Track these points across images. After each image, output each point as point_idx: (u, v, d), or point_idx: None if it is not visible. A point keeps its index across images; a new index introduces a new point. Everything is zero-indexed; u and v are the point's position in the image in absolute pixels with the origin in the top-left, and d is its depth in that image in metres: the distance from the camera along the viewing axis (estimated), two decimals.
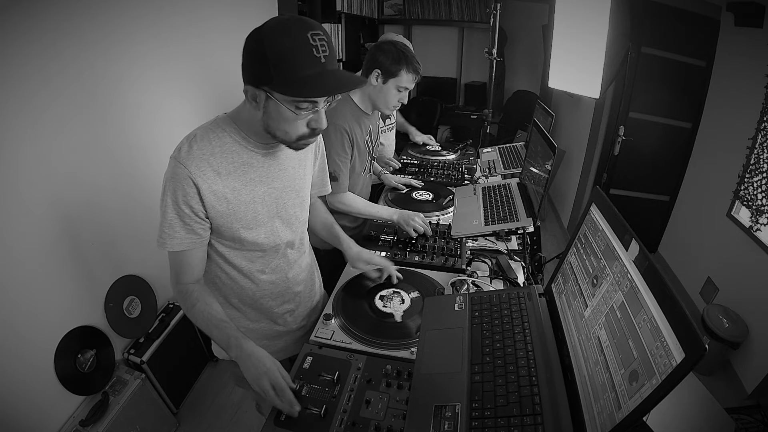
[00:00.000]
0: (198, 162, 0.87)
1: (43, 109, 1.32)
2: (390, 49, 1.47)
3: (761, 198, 2.09)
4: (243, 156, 0.92)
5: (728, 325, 2.13)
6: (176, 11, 1.77)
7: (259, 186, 0.96)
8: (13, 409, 1.34)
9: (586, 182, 3.44)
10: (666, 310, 0.58)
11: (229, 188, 0.91)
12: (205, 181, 0.88)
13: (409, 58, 1.47)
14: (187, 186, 0.87)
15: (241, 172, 0.93)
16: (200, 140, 0.89)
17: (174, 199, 0.88)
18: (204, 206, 0.90)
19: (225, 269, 1.04)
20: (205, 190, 0.88)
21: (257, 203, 0.97)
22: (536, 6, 4.13)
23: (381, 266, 1.25)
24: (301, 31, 0.77)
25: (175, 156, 0.88)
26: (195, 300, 0.95)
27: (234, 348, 0.88)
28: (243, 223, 0.96)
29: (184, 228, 0.90)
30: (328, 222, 1.30)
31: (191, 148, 0.88)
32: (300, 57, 0.77)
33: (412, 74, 1.50)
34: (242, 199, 0.94)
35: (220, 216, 0.92)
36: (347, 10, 3.46)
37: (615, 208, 0.79)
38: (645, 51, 2.74)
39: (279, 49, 0.76)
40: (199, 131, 0.91)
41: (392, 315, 1.11)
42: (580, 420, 0.69)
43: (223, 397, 2.07)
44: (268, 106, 0.83)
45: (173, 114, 1.81)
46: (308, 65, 0.78)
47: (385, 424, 0.81)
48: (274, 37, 0.77)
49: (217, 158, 0.89)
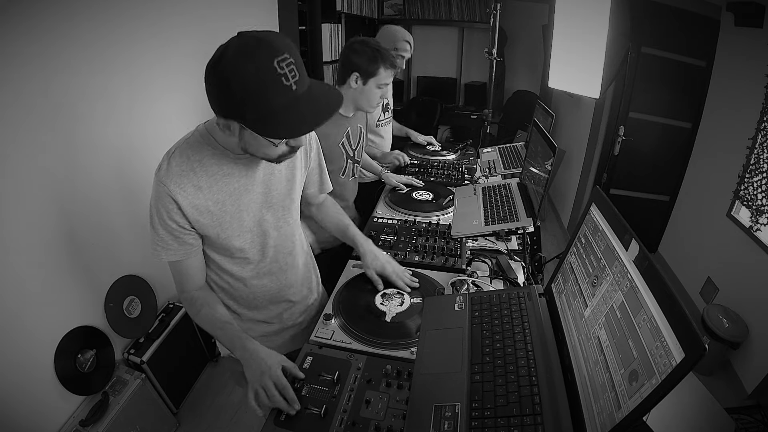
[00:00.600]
0: (176, 179, 0.87)
1: (43, 108, 1.32)
2: (364, 50, 1.45)
3: (761, 198, 2.09)
4: (224, 167, 0.91)
5: (728, 325, 2.13)
6: (176, 11, 1.77)
7: (243, 195, 0.95)
8: (13, 409, 1.34)
9: (586, 182, 3.44)
10: (666, 310, 0.58)
11: (212, 201, 0.91)
12: (185, 197, 0.88)
13: (384, 55, 1.47)
14: (168, 203, 0.87)
15: (224, 183, 0.92)
16: (179, 156, 0.88)
17: (159, 215, 0.89)
18: (188, 220, 0.90)
19: (218, 273, 1.04)
20: (185, 206, 0.88)
21: (242, 212, 0.96)
22: (536, 6, 4.14)
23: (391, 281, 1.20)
24: (267, 59, 0.72)
25: (156, 174, 0.88)
26: (200, 306, 0.98)
27: (238, 348, 0.90)
28: (229, 233, 0.96)
29: (175, 240, 0.92)
30: (343, 224, 1.28)
31: (170, 166, 0.87)
32: (272, 91, 0.73)
33: (390, 69, 1.49)
34: (227, 209, 0.93)
35: (205, 228, 0.93)
36: (347, 10, 3.46)
37: (615, 208, 0.79)
38: (645, 51, 2.74)
39: (245, 84, 0.72)
40: (177, 148, 0.90)
41: (392, 315, 1.11)
42: (580, 420, 0.69)
43: (223, 397, 2.07)
44: (244, 135, 0.82)
45: (173, 113, 1.81)
46: (280, 96, 0.74)
47: (385, 424, 0.81)
48: (238, 70, 0.71)
49: (197, 173, 0.88)
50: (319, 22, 2.89)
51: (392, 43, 2.05)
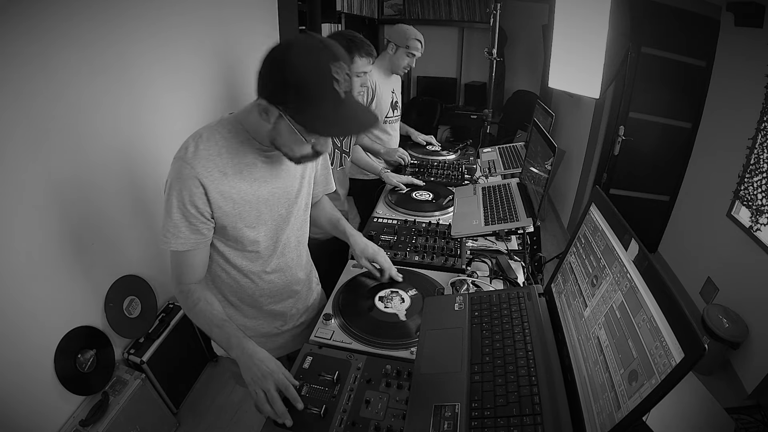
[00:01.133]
0: (205, 162, 0.87)
1: (43, 108, 1.32)
2: (338, 41, 1.46)
3: (761, 198, 2.09)
4: (248, 156, 0.93)
5: (728, 325, 2.13)
6: (176, 11, 1.77)
7: (263, 186, 0.96)
8: (13, 409, 1.34)
9: (586, 182, 3.44)
10: (665, 310, 0.58)
11: (234, 189, 0.92)
12: (212, 181, 0.88)
13: (358, 44, 1.47)
14: (193, 186, 0.87)
15: (247, 172, 0.93)
16: (206, 140, 0.89)
17: (180, 199, 0.87)
18: (210, 206, 0.90)
19: (225, 268, 1.04)
20: (212, 191, 0.89)
21: (261, 203, 0.97)
22: (536, 6, 4.14)
23: (383, 267, 1.24)
24: (327, 61, 0.77)
25: (181, 156, 0.87)
26: (196, 300, 0.95)
27: (235, 348, 0.88)
28: (246, 223, 0.97)
29: (189, 228, 0.90)
30: (334, 218, 1.30)
31: (198, 148, 0.87)
32: (321, 89, 0.77)
33: (365, 58, 1.50)
34: (247, 199, 0.94)
35: (225, 216, 0.93)
36: (347, 10, 3.46)
37: (615, 208, 0.79)
38: (645, 51, 2.74)
39: (302, 77, 0.76)
40: (205, 131, 0.91)
41: (395, 315, 1.11)
42: (579, 420, 0.69)
43: (223, 397, 2.07)
44: (279, 124, 0.84)
45: (174, 113, 1.80)
46: (328, 99, 0.78)
47: (385, 424, 0.81)
48: (300, 62, 0.76)
49: (224, 159, 0.90)
50: (319, 22, 2.89)
51: (404, 41, 2.06)
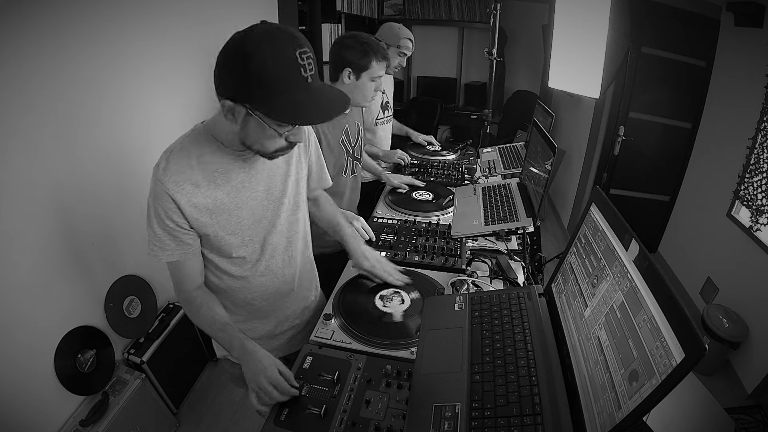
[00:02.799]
0: (175, 177, 0.86)
1: (42, 108, 1.32)
2: (353, 44, 1.45)
3: (761, 198, 2.09)
4: (223, 164, 0.91)
5: (728, 325, 2.13)
6: (175, 11, 1.77)
7: (242, 192, 0.95)
8: (13, 408, 1.34)
9: (586, 182, 3.44)
10: (666, 310, 0.58)
11: (210, 198, 0.91)
12: (183, 195, 0.87)
13: (375, 48, 1.46)
14: (166, 202, 0.87)
15: (222, 180, 0.91)
16: (176, 154, 0.88)
17: (157, 214, 0.89)
18: (186, 219, 0.90)
19: (216, 273, 1.04)
20: (184, 204, 0.88)
21: (241, 209, 0.96)
22: (536, 6, 4.14)
23: (381, 279, 1.20)
24: (291, 48, 0.73)
25: (154, 173, 0.87)
26: (199, 305, 0.97)
27: (237, 349, 0.90)
28: (227, 230, 0.96)
29: (173, 240, 0.91)
30: (334, 221, 1.28)
31: (168, 163, 0.87)
32: (288, 78, 0.74)
33: (382, 62, 1.49)
34: (224, 207, 0.93)
35: (203, 226, 0.92)
36: (347, 10, 3.46)
37: (615, 208, 0.79)
38: (645, 51, 2.74)
39: (266, 68, 0.72)
40: (176, 145, 0.90)
41: (392, 314, 1.11)
42: (579, 420, 0.69)
43: (223, 397, 2.07)
44: (248, 122, 0.81)
45: (172, 113, 1.80)
46: (295, 87, 0.75)
47: (385, 424, 0.81)
48: (262, 53, 0.72)
49: (195, 171, 0.88)
50: (319, 22, 2.89)
51: (395, 40, 2.05)
